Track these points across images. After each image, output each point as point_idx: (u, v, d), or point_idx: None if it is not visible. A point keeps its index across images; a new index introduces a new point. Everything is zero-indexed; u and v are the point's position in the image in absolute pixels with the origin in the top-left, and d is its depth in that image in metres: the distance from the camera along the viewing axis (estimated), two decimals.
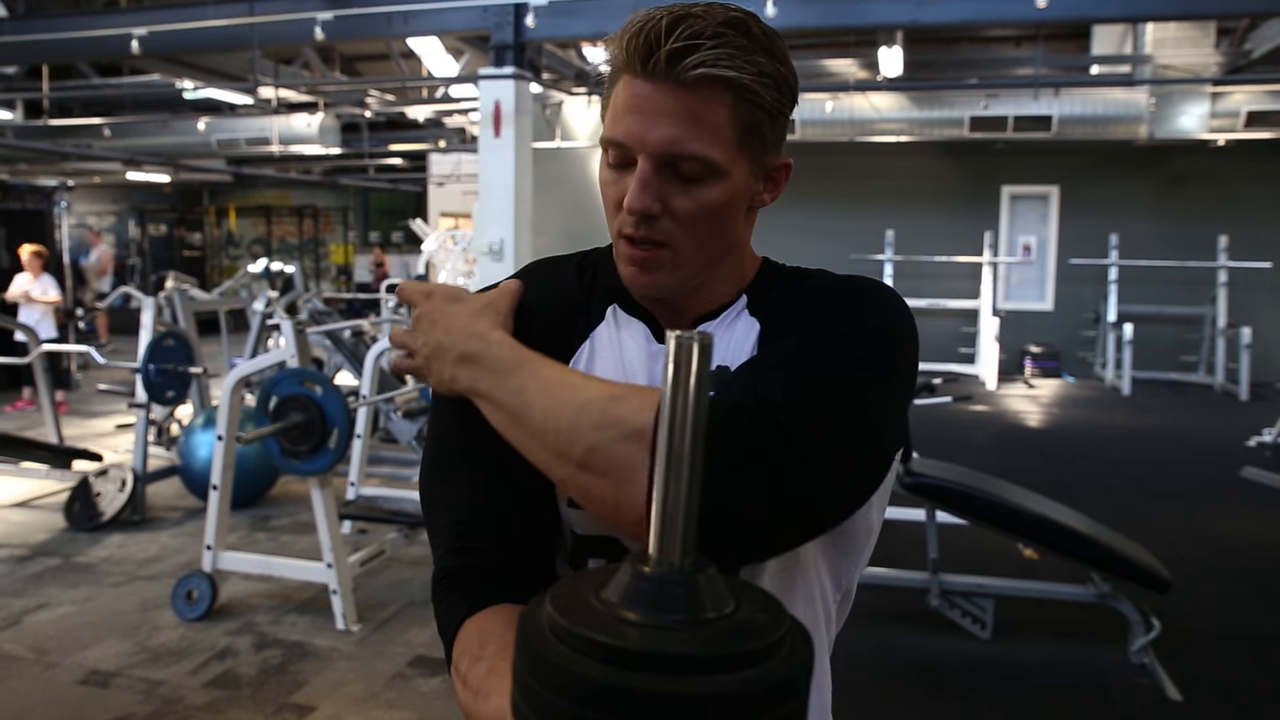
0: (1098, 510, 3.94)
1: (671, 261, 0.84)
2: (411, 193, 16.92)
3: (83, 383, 9.32)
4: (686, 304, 0.90)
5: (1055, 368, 10.30)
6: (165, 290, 6.99)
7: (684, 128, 0.79)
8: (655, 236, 0.82)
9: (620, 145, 0.82)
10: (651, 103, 0.79)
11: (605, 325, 0.92)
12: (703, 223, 0.83)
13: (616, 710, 0.47)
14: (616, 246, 0.86)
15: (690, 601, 0.50)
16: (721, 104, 0.79)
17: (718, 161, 0.80)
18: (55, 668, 3.30)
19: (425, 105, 10.09)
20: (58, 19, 7.56)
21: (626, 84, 0.81)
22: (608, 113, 0.84)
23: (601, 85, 0.88)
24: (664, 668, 0.47)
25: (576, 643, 0.49)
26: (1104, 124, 8.70)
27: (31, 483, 5.58)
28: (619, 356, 0.89)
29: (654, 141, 0.79)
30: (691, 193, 0.81)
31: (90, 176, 15.21)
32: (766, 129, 0.83)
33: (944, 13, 5.98)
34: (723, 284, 0.90)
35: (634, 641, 0.48)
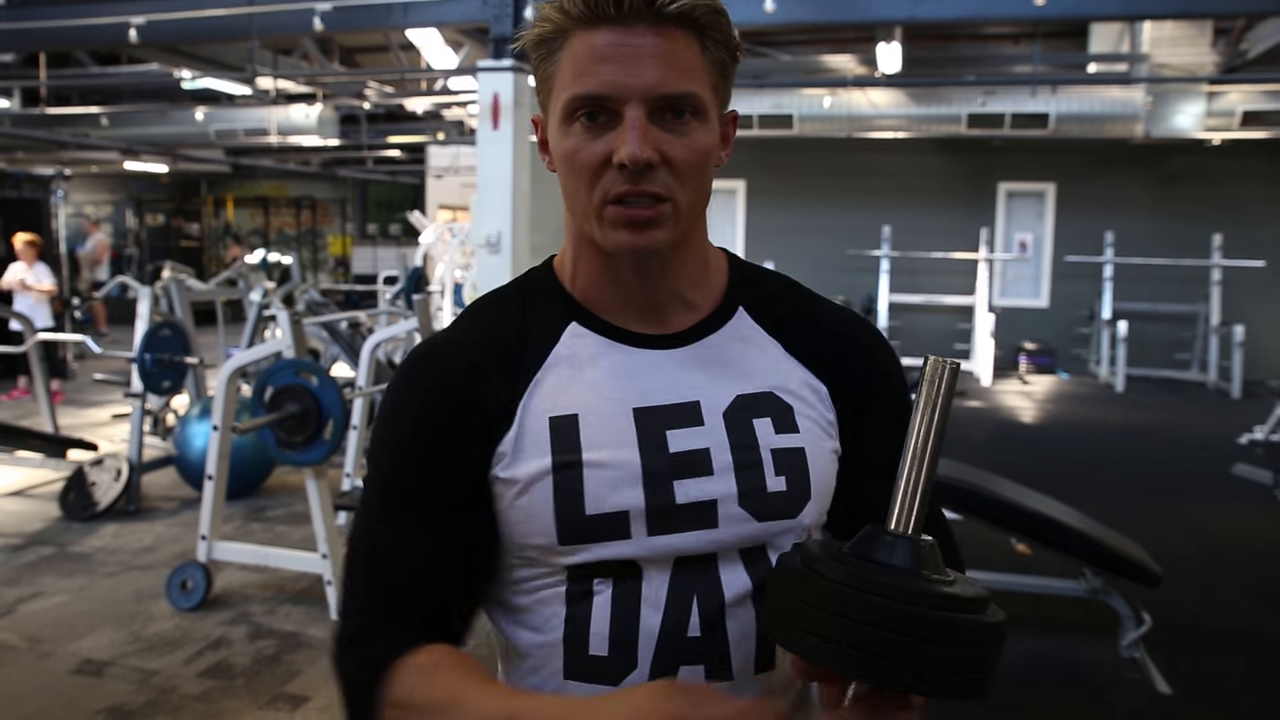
0: (1090, 506, 3.96)
1: (672, 216, 0.79)
2: (410, 185, 16.90)
3: (79, 372, 9.31)
4: (665, 304, 0.86)
5: (1050, 364, 10.33)
6: (162, 280, 6.98)
7: (670, 66, 0.75)
8: (655, 189, 0.77)
9: (599, 99, 0.76)
10: (629, 47, 0.75)
11: (564, 345, 0.85)
12: (696, 171, 0.79)
13: (923, 634, 0.65)
14: (602, 216, 0.78)
15: (927, 561, 0.71)
16: (694, 42, 0.77)
17: (704, 100, 0.78)
18: (49, 657, 3.31)
19: (424, 97, 10.07)
20: (55, 7, 7.53)
21: (585, 37, 0.76)
22: (560, 74, 0.78)
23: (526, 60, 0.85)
24: (951, 606, 0.67)
25: (878, 588, 0.67)
26: (1100, 122, 8.71)
27: (26, 472, 5.59)
28: (591, 377, 0.83)
29: (645, 84, 0.75)
30: (685, 137, 0.77)
31: (87, 166, 15.17)
32: (730, 72, 0.82)
33: (943, 9, 5.97)
34: (695, 271, 0.87)
35: (894, 581, 0.68)
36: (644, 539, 0.79)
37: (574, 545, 0.80)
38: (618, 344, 0.85)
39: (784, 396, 0.85)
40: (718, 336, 0.87)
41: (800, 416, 0.85)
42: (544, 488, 0.80)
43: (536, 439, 0.81)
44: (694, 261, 0.87)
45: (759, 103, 9.07)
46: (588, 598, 0.81)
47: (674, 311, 0.86)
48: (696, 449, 0.81)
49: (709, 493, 0.80)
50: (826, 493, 0.87)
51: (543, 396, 0.83)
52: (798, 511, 0.83)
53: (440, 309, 8.24)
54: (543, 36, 0.79)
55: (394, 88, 10.27)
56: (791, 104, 9.04)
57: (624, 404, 0.82)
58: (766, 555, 0.82)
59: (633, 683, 0.79)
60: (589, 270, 0.86)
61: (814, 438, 0.85)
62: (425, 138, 12.96)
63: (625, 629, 0.80)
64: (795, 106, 9.03)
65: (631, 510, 0.79)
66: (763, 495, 0.81)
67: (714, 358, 0.85)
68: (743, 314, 0.89)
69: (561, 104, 0.78)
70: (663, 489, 0.80)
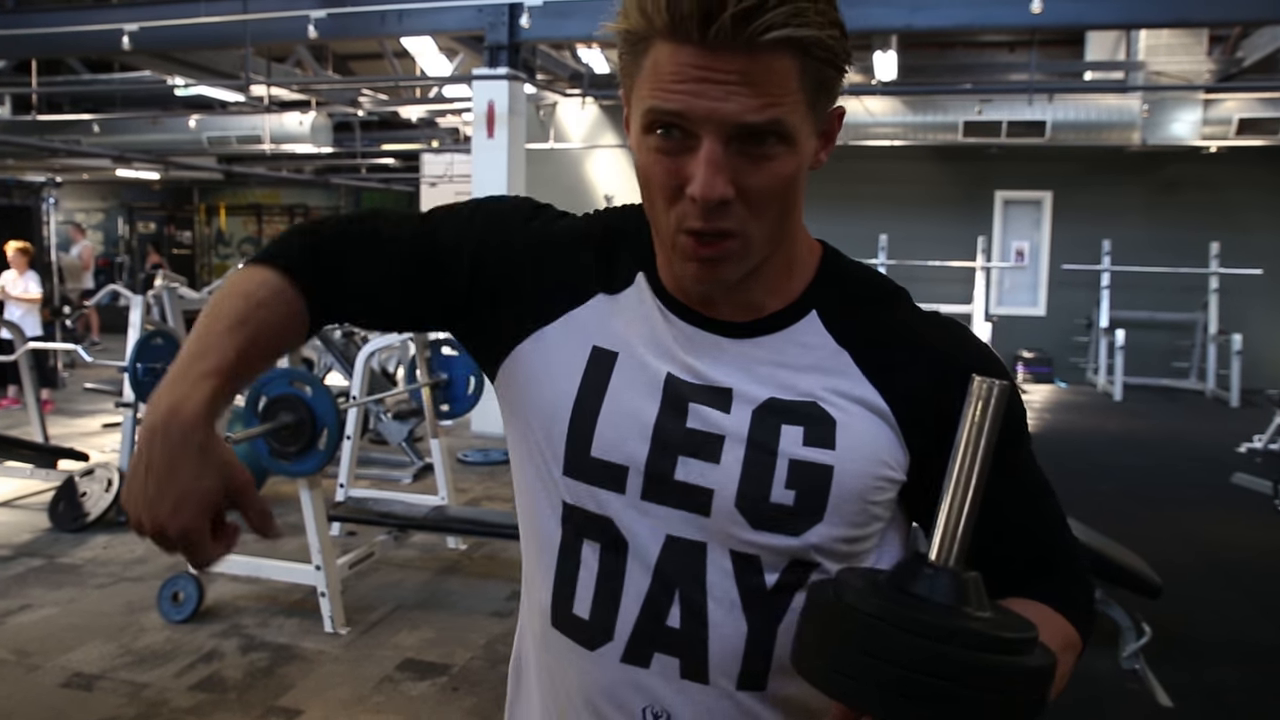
0: (1089, 515, 3.93)
1: (741, 251, 0.75)
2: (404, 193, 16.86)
3: (69, 381, 9.25)
4: (733, 307, 0.82)
5: (1047, 373, 10.33)
6: (154, 288, 6.94)
7: (756, 95, 0.69)
8: (726, 225, 0.73)
9: (677, 116, 0.71)
10: (714, 71, 0.69)
11: (634, 291, 0.85)
12: (775, 201, 0.74)
13: (933, 672, 0.61)
14: (672, 241, 0.76)
15: (967, 595, 0.66)
16: (791, 64, 0.70)
17: (791, 127, 0.72)
18: (38, 670, 3.26)
19: (418, 105, 10.07)
20: (48, 13, 7.51)
21: (670, 51, 0.70)
22: (642, 82, 0.73)
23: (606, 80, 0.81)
24: (989, 647, 0.63)
25: (909, 624, 0.63)
26: (1097, 130, 8.73)
27: (16, 482, 5.53)
28: (642, 320, 0.83)
29: (725, 113, 0.69)
30: (764, 168, 0.72)
31: (79, 173, 15.14)
32: (835, 81, 0.75)
33: (939, 18, 5.99)
34: (776, 277, 0.83)
35: (936, 620, 0.63)
36: (636, 499, 0.79)
37: (575, 481, 0.81)
38: (674, 315, 0.83)
39: (829, 409, 0.79)
40: (777, 338, 0.82)
41: (844, 433, 0.78)
42: (564, 404, 0.82)
43: (575, 351, 0.83)
44: (777, 270, 0.82)
45: None
46: (576, 554, 0.82)
47: (740, 310, 0.82)
48: (712, 432, 0.78)
49: (708, 480, 0.78)
50: (852, 519, 0.79)
51: (595, 321, 0.84)
52: (801, 530, 0.77)
53: None
54: (627, 32, 0.74)
55: (388, 95, 10.26)
56: None
57: (662, 365, 0.81)
58: (760, 568, 0.78)
59: (607, 654, 0.80)
60: (663, 254, 0.83)
61: (856, 459, 0.78)
62: (419, 145, 12.96)
63: (607, 600, 0.80)
64: None
65: (631, 467, 0.79)
66: (763, 503, 0.77)
67: (764, 357, 0.81)
68: (814, 318, 0.82)
69: (640, 114, 0.74)
70: (666, 459, 0.79)
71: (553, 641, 0.84)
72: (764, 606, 0.78)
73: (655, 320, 0.83)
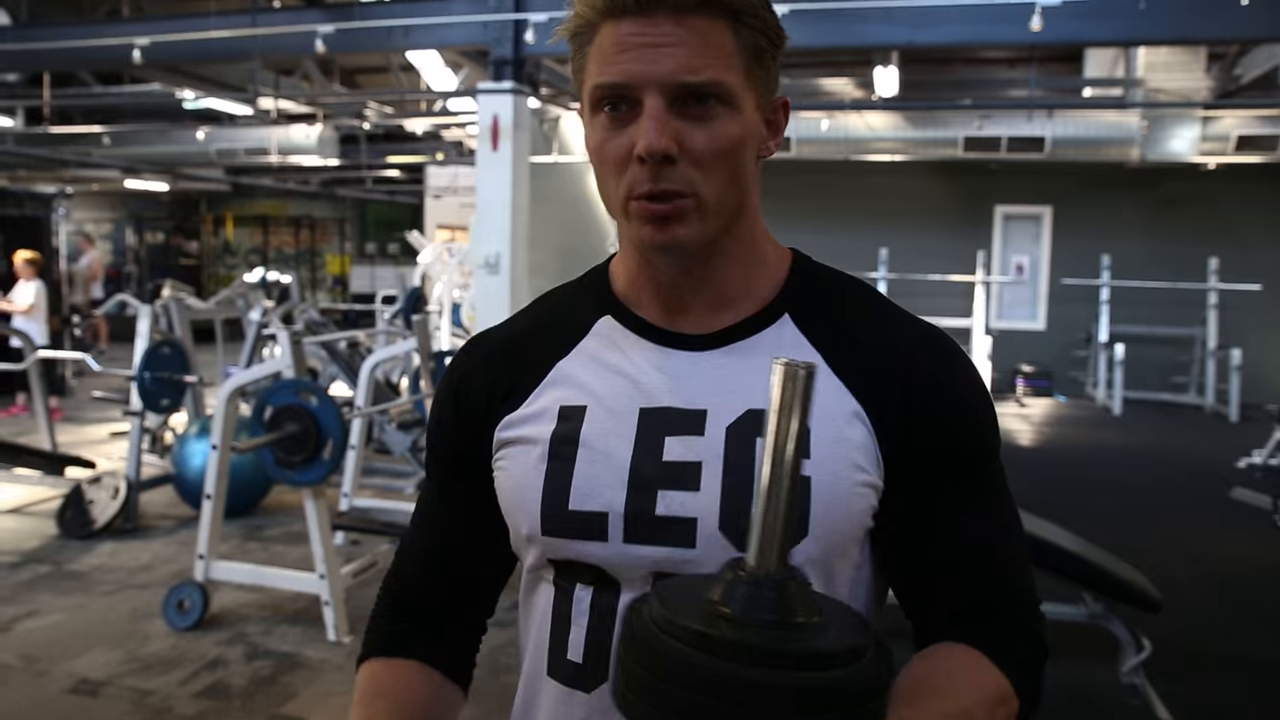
0: (1088, 530, 3.95)
1: (696, 212, 0.76)
2: (408, 205, 16.96)
3: (77, 389, 9.30)
4: (703, 306, 0.82)
5: (1047, 387, 10.35)
6: (162, 298, 6.99)
7: (692, 54, 0.73)
8: (676, 185, 0.74)
9: (619, 87, 0.74)
10: (650, 35, 0.73)
11: (592, 338, 0.85)
12: (722, 164, 0.75)
13: (720, 695, 0.54)
14: (627, 211, 0.77)
15: (783, 605, 0.58)
16: (723, 28, 0.74)
17: (731, 88, 0.74)
18: (45, 676, 3.30)
19: (423, 118, 10.13)
20: (60, 27, 7.59)
21: (611, 29, 0.75)
22: (588, 67, 0.77)
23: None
24: (762, 661, 0.55)
25: (685, 635, 0.56)
26: (1096, 146, 8.78)
27: (24, 489, 5.58)
28: (610, 364, 0.83)
29: (663, 72, 0.73)
30: (708, 127, 0.74)
31: (89, 184, 15.22)
32: (769, 57, 0.78)
33: (939, 34, 6.04)
34: (742, 271, 0.83)
35: (735, 635, 0.56)
36: (619, 544, 0.77)
37: (555, 538, 0.80)
38: (645, 340, 0.83)
39: None
40: (751, 342, 0.81)
41: (818, 442, 0.76)
42: (536, 473, 0.81)
43: (543, 421, 0.82)
44: (741, 262, 0.83)
45: None
46: (569, 601, 0.81)
47: (712, 312, 0.82)
48: (688, 460, 0.77)
49: (690, 509, 0.76)
50: (839, 530, 0.77)
51: (559, 385, 0.84)
52: None
53: (438, 329, 8.25)
54: (575, 30, 0.78)
55: (394, 108, 10.33)
56: (789, 127, 9.08)
57: (633, 402, 0.81)
58: None
59: (604, 695, 0.78)
60: (629, 265, 0.86)
61: (832, 468, 0.76)
62: (424, 158, 13.03)
63: (600, 641, 0.79)
64: (792, 129, 9.09)
65: (611, 513, 0.78)
66: (746, 522, 0.76)
67: (739, 365, 0.80)
68: (787, 321, 0.82)
69: (588, 95, 0.77)
70: (645, 497, 0.77)
71: (546, 689, 0.83)
72: None
73: (626, 352, 0.83)
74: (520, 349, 0.88)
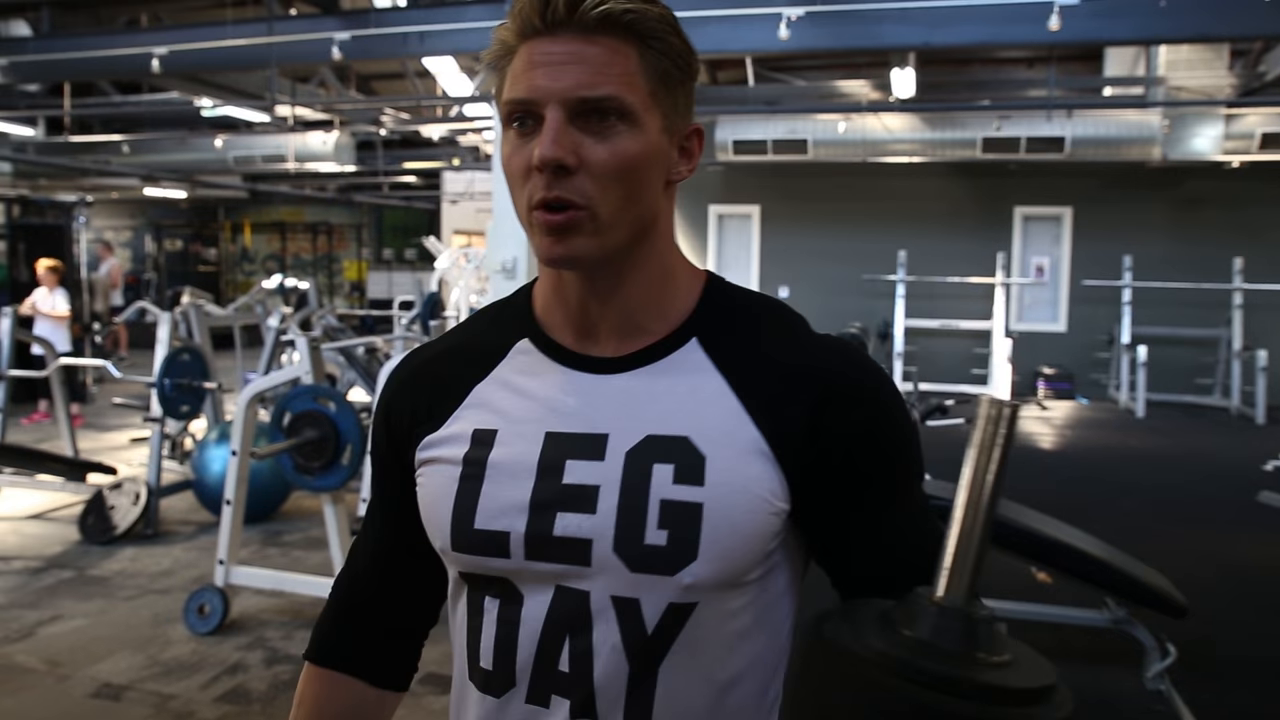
0: (1111, 534, 3.91)
1: (591, 224, 0.77)
2: (425, 210, 17.02)
3: (98, 396, 9.38)
4: (612, 328, 0.84)
5: (1068, 389, 10.27)
6: (181, 305, 7.03)
7: (593, 71, 0.76)
8: (571, 196, 0.76)
9: (524, 102, 0.77)
10: (555, 54, 0.76)
11: (509, 361, 0.88)
12: (621, 178, 0.77)
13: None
14: (530, 222, 0.79)
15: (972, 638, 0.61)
16: (629, 50, 0.77)
17: (631, 105, 0.77)
18: (68, 680, 3.32)
19: (439, 124, 10.18)
20: (80, 38, 7.67)
21: (523, 50, 0.78)
22: (505, 84, 0.80)
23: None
24: (1002, 699, 0.58)
25: (908, 671, 0.58)
26: (1117, 145, 8.71)
27: (47, 495, 5.62)
28: (522, 388, 0.86)
29: (562, 88, 0.75)
30: (606, 141, 0.76)
31: (108, 192, 15.38)
32: (676, 81, 0.80)
33: (957, 35, 6.01)
34: (651, 294, 0.84)
35: (930, 665, 0.59)
36: (521, 560, 0.81)
37: (462, 554, 0.84)
38: (556, 363, 0.86)
39: (700, 444, 0.79)
40: (657, 366, 0.83)
41: (713, 469, 0.78)
42: (448, 493, 0.85)
43: (457, 444, 0.86)
44: (650, 283, 0.84)
45: (773, 128, 9.12)
46: (480, 611, 0.85)
47: (622, 335, 0.84)
48: (587, 484, 0.80)
49: (585, 530, 0.79)
50: (730, 554, 0.78)
51: (475, 408, 0.87)
52: (676, 569, 0.77)
53: None
54: (495, 57, 0.81)
55: (410, 114, 10.37)
56: (806, 129, 9.08)
57: (540, 425, 0.83)
58: (640, 610, 0.79)
59: (513, 699, 0.82)
60: (543, 287, 0.88)
61: (725, 493, 0.78)
62: (440, 163, 13.08)
63: (506, 648, 0.83)
64: (810, 131, 9.07)
65: (512, 533, 0.81)
66: (638, 545, 0.78)
67: (642, 390, 0.82)
68: (694, 345, 0.84)
69: (500, 111, 0.80)
70: (544, 518, 0.80)
71: (469, 694, 0.87)
72: (644, 649, 0.79)
73: (538, 375, 0.86)
74: (444, 369, 0.91)
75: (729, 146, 9.37)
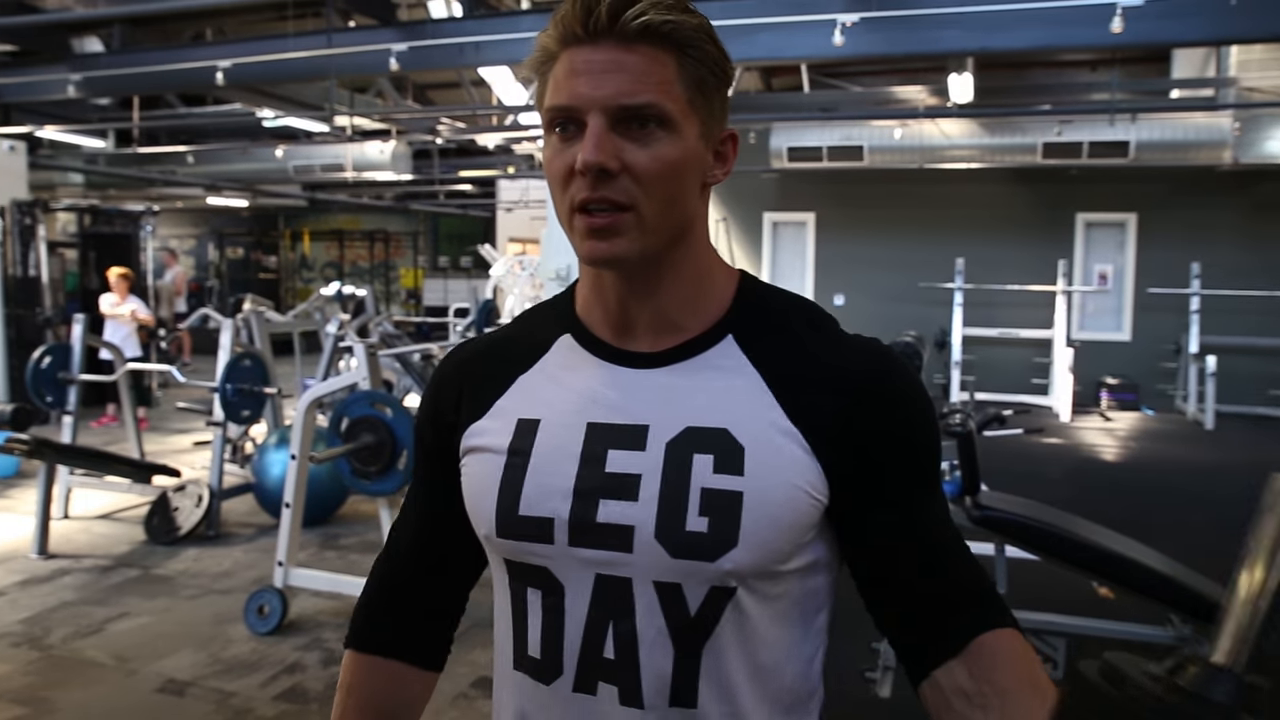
0: (1177, 549, 3.79)
1: (636, 226, 0.80)
2: (480, 218, 17.23)
3: (163, 400, 9.64)
4: (649, 325, 0.87)
5: (1133, 400, 10.00)
6: (243, 312, 7.20)
7: (633, 79, 0.79)
8: (615, 197, 0.79)
9: (566, 109, 0.80)
10: (596, 63, 0.79)
11: (552, 355, 0.92)
12: (662, 182, 0.80)
13: None
14: (571, 224, 0.82)
15: (1260, 701, 0.72)
16: (667, 59, 0.80)
17: (670, 112, 0.80)
18: (135, 675, 3.41)
19: (495, 133, 10.28)
20: (149, 52, 7.91)
21: (565, 58, 0.81)
22: (546, 91, 0.83)
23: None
24: None
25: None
26: (1185, 149, 8.48)
27: (115, 496, 5.79)
28: (565, 380, 0.89)
29: (604, 95, 0.78)
30: (648, 147, 0.80)
31: (174, 201, 15.81)
32: (712, 88, 0.83)
33: (1014, 39, 5.90)
34: (688, 293, 0.87)
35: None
36: (564, 546, 0.84)
37: (507, 540, 0.86)
38: (597, 358, 0.89)
39: (738, 435, 0.82)
40: (694, 362, 0.86)
41: (752, 459, 0.81)
42: (493, 480, 0.87)
43: (501, 432, 0.89)
44: (687, 283, 0.87)
45: (829, 135, 9.05)
46: (524, 601, 0.87)
47: (659, 332, 0.87)
48: (630, 473, 0.83)
49: (629, 517, 0.82)
50: (774, 541, 0.81)
51: (520, 398, 0.90)
52: (716, 556, 0.80)
53: None
54: (537, 63, 0.84)
55: (465, 123, 10.50)
56: (862, 136, 9.00)
57: (582, 416, 0.86)
58: (683, 595, 0.81)
59: (560, 687, 0.85)
60: (584, 286, 0.91)
61: (765, 483, 0.81)
62: (496, 172, 13.22)
63: (553, 637, 0.85)
64: (866, 138, 8.99)
65: (556, 519, 0.84)
66: (680, 532, 0.80)
67: (681, 384, 0.85)
68: (730, 342, 0.87)
69: (543, 117, 0.83)
70: (588, 505, 0.83)
71: (518, 682, 0.89)
72: (689, 632, 0.81)
73: (580, 369, 0.89)
74: (490, 361, 0.95)
75: (784, 154, 9.31)
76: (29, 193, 9.07)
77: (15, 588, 4.34)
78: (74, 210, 10.51)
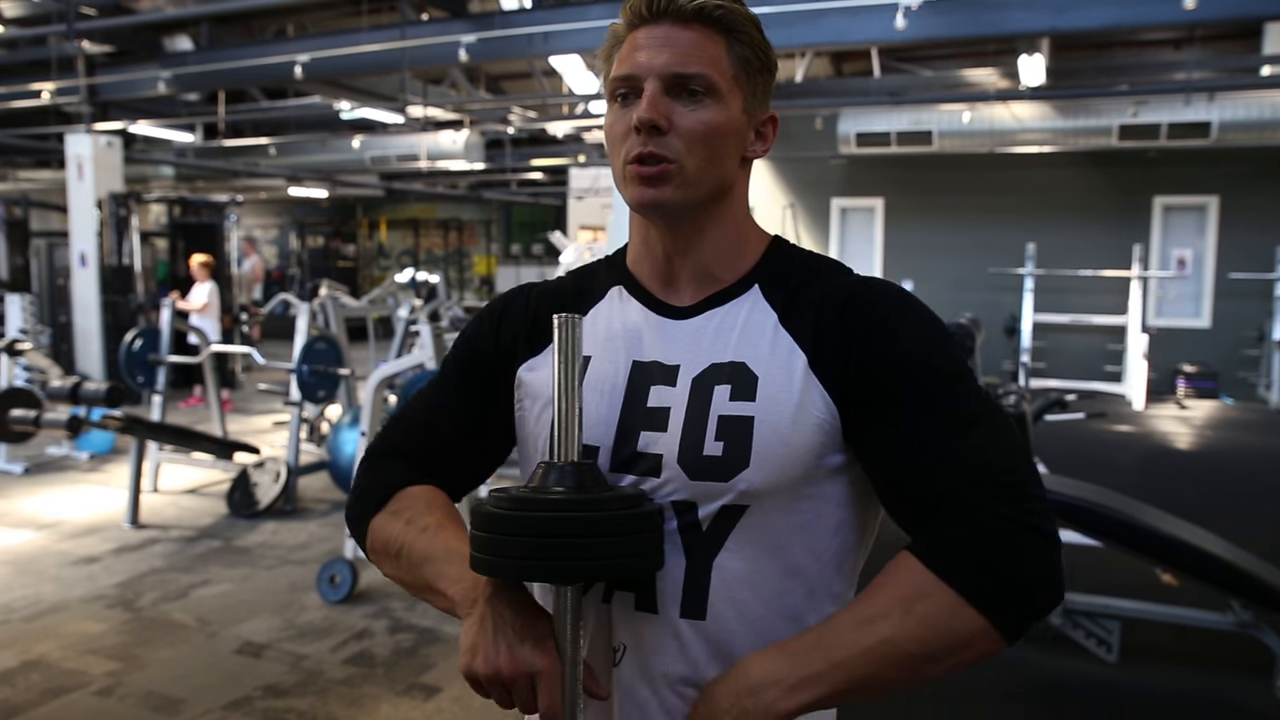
0: (1250, 539, 3.72)
1: (679, 176, 0.92)
2: (551, 206, 17.40)
3: (245, 383, 10.04)
4: (690, 278, 0.98)
5: (1212, 388, 9.69)
6: (319, 297, 7.46)
7: (686, 53, 0.91)
8: (663, 152, 0.91)
9: (627, 78, 0.92)
10: (656, 37, 0.92)
11: (605, 303, 1.03)
12: (704, 142, 0.92)
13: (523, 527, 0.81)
14: (625, 176, 0.93)
15: (583, 481, 0.85)
16: (718, 39, 0.93)
17: (717, 83, 0.92)
18: (216, 637, 3.63)
19: (565, 121, 10.41)
20: (233, 49, 8.23)
21: (630, 37, 0.94)
22: (612, 68, 0.95)
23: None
24: (554, 507, 0.82)
25: (506, 503, 0.83)
26: (1272, 129, 8.16)
27: (200, 472, 6.10)
28: (615, 324, 1.00)
29: (660, 64, 0.91)
30: (694, 111, 0.91)
31: (257, 192, 16.35)
32: (755, 69, 0.95)
33: (1085, 19, 5.78)
34: (725, 251, 0.98)
35: (542, 494, 0.84)
36: (607, 471, 0.94)
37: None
38: (644, 308, 1.00)
39: (754, 367, 0.92)
40: (724, 310, 0.97)
41: (765, 387, 0.90)
42: (548, 412, 0.97)
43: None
44: (725, 241, 0.98)
45: (897, 119, 8.95)
46: None
47: (698, 284, 0.98)
48: (663, 407, 0.93)
49: (659, 446, 0.92)
50: (784, 462, 0.88)
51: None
52: (729, 476, 0.89)
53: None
54: (609, 48, 0.97)
55: (537, 113, 10.64)
56: (930, 120, 8.88)
57: (629, 355, 0.98)
58: (696, 511, 0.90)
59: (590, 595, 0.94)
60: (635, 243, 1.03)
61: (775, 408, 0.89)
62: (567, 160, 13.35)
63: None
64: (934, 123, 8.86)
65: (602, 446, 0.95)
66: (698, 456, 0.90)
67: (710, 327, 0.96)
68: (756, 291, 0.97)
69: (607, 88, 0.96)
70: (629, 435, 0.94)
71: (543, 591, 0.99)
72: (699, 544, 0.90)
73: (628, 316, 1.00)
74: (552, 302, 1.05)
75: (851, 139, 9.23)
76: (124, 185, 9.52)
77: (110, 554, 4.63)
78: (164, 202, 10.96)
